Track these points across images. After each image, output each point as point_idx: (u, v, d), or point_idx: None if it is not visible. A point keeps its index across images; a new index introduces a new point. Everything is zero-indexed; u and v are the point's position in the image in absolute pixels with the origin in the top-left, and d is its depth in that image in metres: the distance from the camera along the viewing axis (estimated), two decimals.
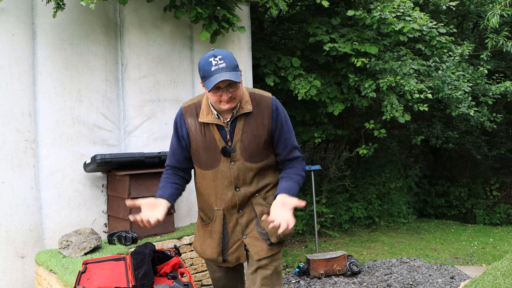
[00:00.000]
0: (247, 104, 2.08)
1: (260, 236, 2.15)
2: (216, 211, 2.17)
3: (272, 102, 2.12)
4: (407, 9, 5.29)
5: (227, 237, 2.18)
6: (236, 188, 2.11)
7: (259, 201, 2.14)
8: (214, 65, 1.91)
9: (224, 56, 1.93)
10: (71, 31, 3.62)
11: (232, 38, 4.54)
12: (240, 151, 2.07)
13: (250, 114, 2.07)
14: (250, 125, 2.07)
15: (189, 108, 2.15)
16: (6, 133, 3.33)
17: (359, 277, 4.71)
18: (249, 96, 2.10)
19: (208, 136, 2.08)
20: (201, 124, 2.09)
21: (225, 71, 1.90)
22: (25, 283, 3.42)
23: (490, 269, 2.76)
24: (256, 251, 2.15)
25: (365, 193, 7.92)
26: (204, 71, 1.93)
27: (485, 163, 9.90)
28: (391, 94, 5.46)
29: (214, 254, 2.20)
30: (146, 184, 3.64)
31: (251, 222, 2.16)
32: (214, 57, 1.92)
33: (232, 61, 1.95)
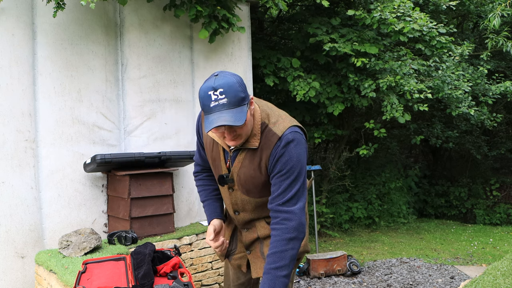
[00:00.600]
0: (254, 139, 1.79)
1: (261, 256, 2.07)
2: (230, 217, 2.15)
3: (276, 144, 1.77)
4: (407, 9, 5.29)
5: (235, 243, 2.15)
6: (235, 212, 2.02)
7: (263, 225, 2.03)
8: (213, 100, 1.62)
9: (226, 89, 1.62)
10: (71, 31, 3.62)
11: (232, 38, 4.54)
12: (237, 184, 1.91)
13: (254, 150, 1.82)
14: (250, 162, 1.83)
15: None
16: (6, 133, 3.33)
17: (359, 277, 4.71)
18: (260, 128, 1.80)
19: (215, 150, 1.94)
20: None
21: (226, 108, 1.62)
22: (25, 283, 3.42)
23: (490, 269, 2.76)
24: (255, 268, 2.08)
25: (365, 193, 7.92)
26: (203, 105, 1.66)
27: (485, 163, 9.90)
28: (391, 94, 5.46)
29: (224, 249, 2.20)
30: (146, 184, 3.64)
31: (256, 241, 2.08)
32: (214, 91, 1.62)
33: (236, 94, 1.63)
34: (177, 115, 4.20)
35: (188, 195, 4.24)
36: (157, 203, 3.70)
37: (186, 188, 4.22)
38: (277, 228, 1.77)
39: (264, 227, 2.04)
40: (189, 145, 4.26)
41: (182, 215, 4.16)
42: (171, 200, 3.79)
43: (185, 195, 4.23)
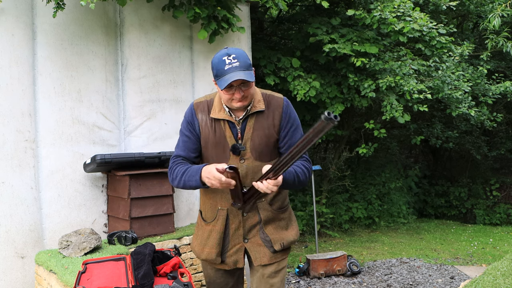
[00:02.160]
0: (260, 103, 2.07)
1: (263, 243, 2.11)
2: (219, 210, 2.12)
3: (284, 102, 2.12)
4: (407, 9, 5.29)
5: (227, 238, 2.14)
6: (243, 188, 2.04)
7: (265, 207, 2.11)
8: (227, 63, 1.90)
9: (238, 55, 1.93)
10: (71, 31, 3.62)
11: (232, 38, 4.54)
12: (250, 150, 2.05)
13: (261, 113, 2.07)
14: (261, 124, 2.06)
15: (201, 104, 2.13)
16: (6, 133, 3.33)
17: (359, 277, 4.71)
18: (261, 95, 2.11)
19: (218, 132, 2.06)
20: (212, 119, 2.07)
21: (239, 70, 1.90)
22: (25, 283, 3.42)
23: (490, 269, 2.76)
24: (258, 257, 2.11)
25: (365, 193, 7.93)
26: (218, 70, 1.93)
27: (485, 163, 9.90)
28: (391, 94, 5.46)
29: (213, 254, 2.15)
30: (146, 184, 3.64)
31: (255, 227, 2.11)
32: (228, 56, 1.92)
33: (245, 60, 1.94)
34: (177, 115, 4.20)
35: (188, 195, 4.24)
36: (157, 203, 3.70)
37: None
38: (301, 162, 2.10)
39: (267, 209, 2.11)
40: None
41: (182, 215, 4.16)
42: (171, 200, 3.79)
43: (185, 195, 4.23)
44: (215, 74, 1.95)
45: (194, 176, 1.99)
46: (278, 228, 2.14)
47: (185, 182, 2.04)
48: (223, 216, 2.12)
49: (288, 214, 2.22)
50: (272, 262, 2.13)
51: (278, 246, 2.13)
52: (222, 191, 2.09)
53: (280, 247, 2.13)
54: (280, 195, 2.16)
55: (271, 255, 2.12)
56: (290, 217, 2.23)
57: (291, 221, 2.24)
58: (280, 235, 2.14)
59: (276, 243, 2.12)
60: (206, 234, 2.18)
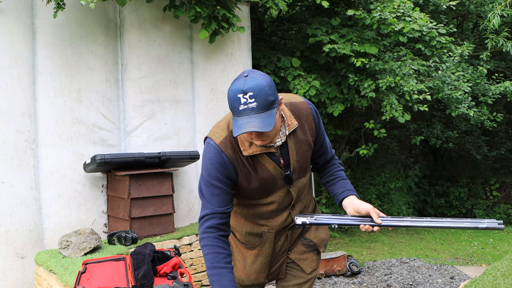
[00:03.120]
0: (291, 120, 1.82)
1: (307, 249, 2.03)
2: (266, 233, 1.95)
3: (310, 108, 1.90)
4: (407, 9, 5.29)
5: (273, 257, 2.02)
6: (292, 207, 1.94)
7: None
8: (242, 103, 1.58)
9: (256, 93, 1.58)
10: (71, 31, 3.62)
11: (232, 38, 4.54)
12: (297, 171, 1.89)
13: (296, 129, 1.84)
14: (300, 141, 1.86)
15: (226, 142, 1.78)
16: (6, 133, 3.33)
17: (359, 277, 4.71)
18: (289, 110, 1.84)
19: (259, 168, 1.80)
20: (247, 158, 1.78)
21: (255, 112, 1.58)
22: (25, 283, 3.42)
23: (490, 269, 2.76)
24: (308, 263, 2.04)
25: (365, 193, 7.92)
26: (232, 107, 1.62)
27: (485, 163, 9.90)
28: (391, 94, 5.46)
29: (261, 278, 2.01)
30: (146, 184, 3.64)
31: (297, 237, 2.04)
32: (243, 94, 1.58)
33: (266, 97, 1.59)
34: (177, 115, 4.20)
35: (188, 195, 4.24)
36: (157, 203, 3.70)
37: (186, 188, 4.22)
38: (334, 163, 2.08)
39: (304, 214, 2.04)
40: (189, 145, 4.26)
41: (182, 215, 4.16)
42: (171, 200, 3.79)
43: (185, 195, 4.23)
44: (230, 109, 1.66)
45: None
46: (315, 230, 2.07)
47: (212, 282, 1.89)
48: (271, 238, 1.97)
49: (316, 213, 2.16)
50: (318, 265, 2.09)
51: (323, 248, 2.08)
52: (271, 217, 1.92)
53: (324, 248, 2.09)
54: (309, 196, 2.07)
55: (317, 258, 2.07)
56: None
57: None
58: (320, 236, 2.07)
59: (320, 246, 2.06)
60: (251, 259, 2.01)
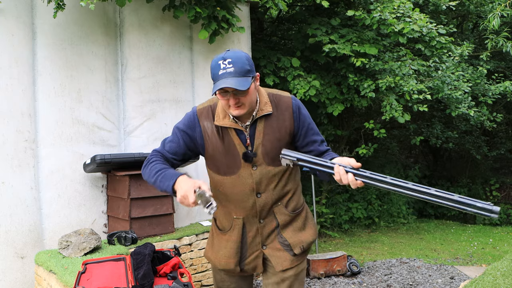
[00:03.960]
0: (267, 106, 1.97)
1: (282, 247, 2.06)
2: (235, 220, 2.05)
3: (292, 101, 2.01)
4: (406, 10, 5.29)
5: (245, 247, 2.08)
6: (258, 194, 2.00)
7: (282, 210, 2.05)
8: (221, 68, 1.81)
9: (235, 60, 1.81)
10: (71, 32, 3.62)
11: (232, 39, 4.54)
12: (262, 155, 1.97)
13: (270, 116, 1.97)
14: (271, 127, 1.97)
15: (204, 110, 2.01)
16: (6, 133, 3.33)
17: (359, 278, 4.71)
18: (268, 97, 2.00)
19: (226, 140, 1.96)
20: (218, 127, 1.97)
21: (232, 76, 1.80)
22: (24, 284, 3.42)
23: (490, 270, 2.77)
24: (279, 262, 2.06)
25: (364, 193, 7.92)
26: (213, 74, 1.85)
27: (485, 163, 9.90)
28: (391, 94, 5.46)
29: (231, 264, 2.09)
30: (146, 185, 3.64)
31: (273, 233, 2.06)
32: (223, 60, 1.82)
33: (243, 66, 1.82)
34: (177, 115, 4.20)
35: None
36: (157, 203, 3.70)
37: None
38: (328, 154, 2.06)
39: (284, 213, 2.05)
40: None
41: (182, 216, 4.16)
42: (170, 200, 3.79)
43: None
44: (211, 77, 1.88)
45: (168, 181, 1.87)
46: (295, 231, 2.09)
47: (156, 182, 1.92)
48: (239, 225, 2.05)
49: (304, 214, 2.16)
50: (293, 265, 2.08)
51: (298, 250, 2.07)
52: (236, 199, 2.02)
53: (300, 250, 2.08)
54: (295, 195, 2.11)
55: (292, 258, 2.06)
56: (306, 216, 2.17)
57: (308, 220, 2.17)
58: (298, 237, 2.08)
59: (295, 247, 2.06)
60: (222, 244, 2.11)
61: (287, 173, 2.03)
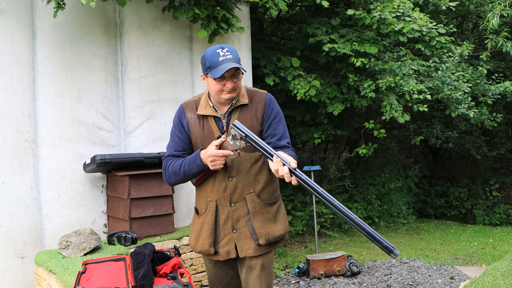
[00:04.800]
0: (243, 98, 2.20)
1: (250, 235, 2.17)
2: (209, 202, 2.20)
3: (267, 96, 2.24)
4: (406, 9, 5.29)
5: (218, 229, 2.20)
6: (229, 178, 2.14)
7: (253, 198, 2.16)
8: (222, 55, 2.04)
9: (231, 49, 2.08)
10: (71, 32, 3.62)
11: (232, 39, 4.54)
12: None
13: (245, 106, 2.19)
14: (244, 117, 2.17)
15: (189, 104, 2.26)
16: (6, 133, 3.33)
17: (358, 278, 4.71)
18: (245, 90, 2.24)
19: (206, 127, 2.19)
20: (199, 116, 2.20)
21: (232, 61, 2.04)
22: (24, 284, 3.42)
23: (489, 270, 2.76)
24: (244, 248, 2.17)
25: (364, 193, 7.92)
26: (211, 61, 2.06)
27: (485, 163, 9.89)
28: (391, 94, 5.46)
29: (206, 245, 2.20)
30: (145, 185, 3.64)
31: (243, 218, 2.17)
32: (221, 49, 2.06)
33: (237, 54, 2.10)
34: None
35: (188, 196, 4.24)
36: (157, 203, 3.71)
37: (186, 188, 4.22)
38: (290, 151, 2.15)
39: (255, 201, 2.17)
40: None
41: (181, 216, 4.16)
42: (170, 200, 3.79)
43: (185, 196, 4.23)
44: (208, 66, 2.07)
45: (195, 162, 2.10)
46: (265, 221, 2.19)
47: (186, 172, 2.14)
48: (213, 207, 2.19)
49: (277, 207, 2.25)
50: (256, 254, 2.17)
51: (263, 241, 2.16)
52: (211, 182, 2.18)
53: (265, 241, 2.17)
54: (269, 187, 2.22)
55: (256, 247, 2.16)
56: (278, 211, 2.27)
57: (279, 215, 2.26)
58: (266, 229, 2.18)
59: (261, 237, 2.16)
60: (199, 226, 2.25)
61: (260, 162, 2.18)
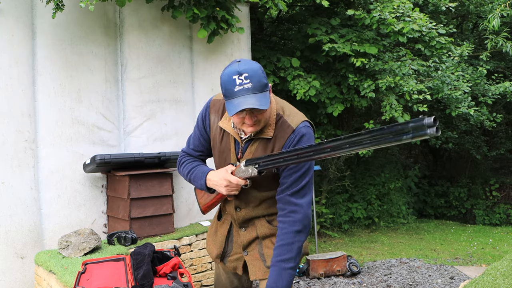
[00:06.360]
0: (269, 130, 1.81)
1: (259, 257, 2.04)
2: (226, 215, 2.08)
3: (294, 131, 1.80)
4: (406, 9, 5.30)
5: (230, 244, 2.09)
6: (237, 208, 1.99)
7: (263, 223, 2.01)
8: (238, 84, 1.64)
9: (251, 74, 1.64)
10: (70, 32, 3.62)
11: (231, 39, 4.54)
12: None
13: (267, 140, 1.83)
14: (261, 152, 1.83)
15: (217, 104, 1.95)
16: (6, 133, 3.33)
17: (358, 278, 4.71)
18: (274, 118, 1.82)
19: (224, 141, 1.92)
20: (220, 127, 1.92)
21: (251, 93, 1.63)
22: (24, 284, 3.42)
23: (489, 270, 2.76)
24: (254, 270, 2.04)
25: (364, 193, 7.92)
26: (226, 90, 1.67)
27: (485, 163, 9.90)
28: (390, 94, 5.46)
29: (214, 254, 2.15)
30: (145, 185, 3.64)
31: (254, 241, 2.05)
32: (239, 75, 1.64)
33: (260, 79, 1.66)
34: (176, 115, 4.20)
35: (188, 196, 4.24)
36: (157, 203, 3.71)
37: (186, 188, 4.22)
38: (285, 221, 1.80)
39: (265, 225, 2.01)
40: None
41: (181, 216, 4.16)
42: (170, 200, 3.79)
43: (185, 196, 4.23)
44: (223, 94, 1.71)
45: (200, 180, 1.95)
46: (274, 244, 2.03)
47: (191, 181, 2.01)
48: (228, 221, 2.09)
49: None
50: (265, 277, 2.04)
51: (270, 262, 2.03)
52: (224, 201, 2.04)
53: None
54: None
55: (265, 269, 2.02)
56: None
57: None
58: None
59: (268, 259, 2.01)
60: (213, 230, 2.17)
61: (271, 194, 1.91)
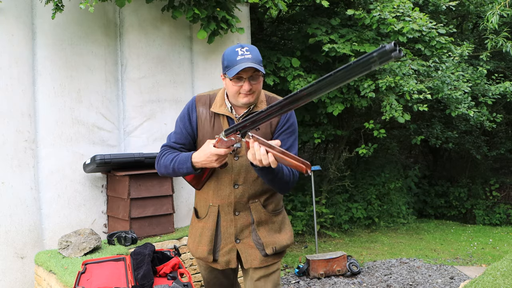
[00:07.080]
0: (262, 104, 2.04)
1: (255, 245, 2.07)
2: (210, 207, 2.09)
3: None
4: (406, 9, 5.30)
5: (219, 237, 2.09)
6: (235, 185, 2.03)
7: (258, 208, 2.07)
8: (240, 54, 1.90)
9: (251, 49, 1.93)
10: (70, 32, 3.62)
11: (231, 39, 4.54)
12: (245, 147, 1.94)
13: None
14: None
15: (203, 97, 2.13)
16: (6, 133, 3.33)
17: (358, 278, 4.71)
18: (264, 96, 2.08)
19: (216, 127, 2.05)
20: (212, 114, 2.06)
21: (251, 61, 1.88)
22: (24, 284, 3.42)
23: (489, 270, 2.76)
24: (249, 259, 2.07)
25: (364, 193, 7.92)
26: (229, 60, 1.91)
27: (485, 163, 9.89)
28: (391, 94, 5.46)
29: (205, 252, 2.11)
30: (145, 185, 3.64)
31: (247, 228, 2.07)
32: (241, 48, 1.92)
33: (258, 55, 1.94)
34: (176, 115, 4.17)
35: (188, 196, 4.24)
36: (157, 203, 3.70)
37: (186, 188, 4.22)
38: None
39: (260, 210, 2.06)
40: None
41: (181, 216, 4.16)
42: (170, 200, 3.79)
43: (185, 196, 4.23)
44: (225, 66, 1.93)
45: (185, 163, 1.96)
46: (271, 231, 2.10)
47: (175, 169, 2.01)
48: (214, 213, 2.08)
49: (281, 218, 2.17)
50: (262, 265, 2.08)
51: (270, 250, 2.08)
52: (214, 187, 2.06)
53: (272, 251, 2.08)
54: (275, 197, 2.13)
55: (262, 258, 2.07)
56: (283, 221, 2.19)
57: (285, 225, 2.19)
58: (273, 238, 2.09)
59: (268, 247, 2.07)
60: (198, 231, 2.14)
61: None
